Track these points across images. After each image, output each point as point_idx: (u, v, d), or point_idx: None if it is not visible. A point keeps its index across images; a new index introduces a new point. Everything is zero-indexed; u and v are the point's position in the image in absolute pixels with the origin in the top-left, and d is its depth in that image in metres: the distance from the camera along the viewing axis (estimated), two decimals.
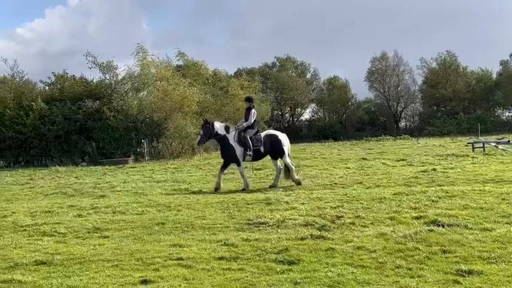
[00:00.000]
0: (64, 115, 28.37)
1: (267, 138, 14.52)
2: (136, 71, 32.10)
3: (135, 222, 9.02)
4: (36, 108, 28.39)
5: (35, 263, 6.41)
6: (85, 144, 28.79)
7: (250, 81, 40.73)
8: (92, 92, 29.82)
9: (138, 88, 31.93)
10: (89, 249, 7.10)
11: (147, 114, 29.94)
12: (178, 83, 31.77)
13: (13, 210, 10.94)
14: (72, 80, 31.74)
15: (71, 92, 29.98)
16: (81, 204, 11.41)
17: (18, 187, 16.73)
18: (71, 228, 8.65)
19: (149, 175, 19.21)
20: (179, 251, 6.80)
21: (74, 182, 17.81)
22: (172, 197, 12.48)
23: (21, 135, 28.16)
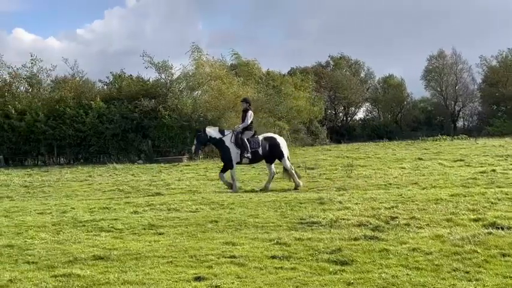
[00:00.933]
0: (121, 114, 29.07)
1: (266, 141, 14.40)
2: (191, 70, 32.55)
3: (189, 219, 9.15)
4: (95, 107, 29.19)
5: (93, 258, 6.58)
6: (141, 143, 29.40)
7: (304, 80, 40.62)
8: (148, 91, 30.40)
9: (192, 87, 32.37)
10: (145, 245, 7.25)
11: (201, 113, 30.30)
12: (232, 82, 32.00)
13: (72, 206, 11.28)
14: (129, 80, 32.46)
15: (128, 91, 30.67)
16: (137, 201, 11.65)
17: (78, 183, 17.24)
18: (128, 225, 8.84)
19: (203, 173, 19.44)
20: (232, 249, 6.86)
21: (130, 179, 18.22)
22: (225, 195, 12.58)
23: (80, 133, 29.00)
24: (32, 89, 31.45)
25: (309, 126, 41.30)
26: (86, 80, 32.71)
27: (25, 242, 7.73)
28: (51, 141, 28.74)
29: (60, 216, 10.00)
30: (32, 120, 28.55)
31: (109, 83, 33.04)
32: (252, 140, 14.16)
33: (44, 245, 7.49)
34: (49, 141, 28.73)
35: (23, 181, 18.02)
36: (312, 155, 27.16)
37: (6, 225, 9.20)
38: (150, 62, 31.21)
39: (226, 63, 36.25)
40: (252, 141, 14.12)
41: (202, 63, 32.92)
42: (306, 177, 16.27)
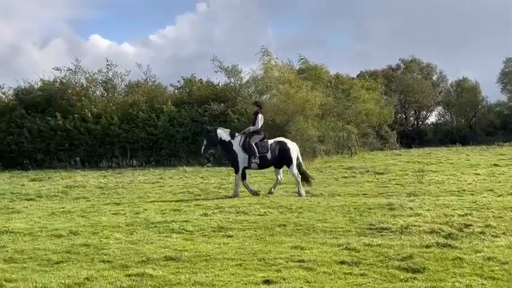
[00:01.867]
0: (192, 117, 29.60)
1: (275, 145, 14.09)
2: (259, 74, 32.73)
3: (258, 222, 9.22)
4: (166, 111, 29.87)
5: (165, 259, 6.75)
6: None
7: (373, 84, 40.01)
8: (217, 95, 30.82)
9: (261, 91, 32.53)
10: (214, 248, 7.36)
11: (269, 117, 30.39)
12: (300, 86, 31.93)
13: (145, 207, 11.61)
14: (199, 84, 33.03)
15: (198, 95, 31.20)
16: (206, 204, 11.85)
17: (150, 185, 17.70)
18: (198, 227, 9.01)
19: (271, 177, 19.47)
20: (300, 253, 6.86)
21: (199, 182, 18.53)
22: (293, 199, 12.60)
23: (152, 136, 29.75)
24: (107, 93, 32.60)
25: (378, 130, 40.61)
26: (158, 85, 33.53)
27: (100, 241, 8.02)
28: (124, 144, 29.64)
29: (133, 217, 10.31)
30: (107, 123, 29.56)
31: (180, 87, 33.75)
32: (261, 145, 13.88)
33: (118, 244, 7.75)
34: (123, 143, 29.64)
35: (98, 182, 18.67)
36: (382, 159, 26.70)
37: (82, 224, 9.58)
38: (220, 66, 31.67)
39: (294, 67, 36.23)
40: (260, 146, 13.85)
41: (271, 67, 33.01)
42: (375, 182, 16.05)
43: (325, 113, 33.52)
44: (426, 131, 55.36)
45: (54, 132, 29.48)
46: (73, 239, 8.26)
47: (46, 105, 30.65)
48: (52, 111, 29.92)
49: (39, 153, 29.45)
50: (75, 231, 8.84)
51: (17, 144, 29.51)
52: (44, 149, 29.61)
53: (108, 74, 32.30)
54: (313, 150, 30.08)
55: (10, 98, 32.01)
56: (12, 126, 29.90)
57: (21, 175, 22.84)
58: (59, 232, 8.80)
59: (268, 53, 32.89)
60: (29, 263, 6.72)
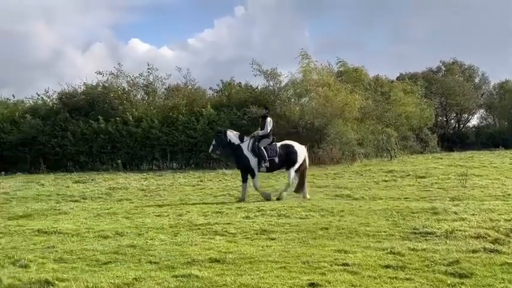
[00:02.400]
0: (231, 120, 29.76)
1: (283, 149, 14.08)
2: (298, 77, 32.72)
3: (300, 226, 9.25)
4: (205, 114, 30.13)
5: (210, 260, 6.84)
6: None
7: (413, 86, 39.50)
8: (256, 99, 30.92)
9: (300, 94, 32.54)
10: (258, 250, 7.42)
11: (308, 120, 30.38)
12: (339, 89, 31.80)
13: (187, 209, 11.77)
14: (238, 87, 33.23)
15: (237, 99, 31.38)
16: (248, 206, 11.94)
17: (190, 188, 17.90)
18: (240, 229, 9.09)
19: (310, 180, 19.42)
20: (344, 256, 6.85)
21: (239, 184, 18.49)
22: (334, 202, 12.57)
23: (192, 139, 30.02)
24: (148, 96, 33.07)
25: (418, 133, 40.07)
26: (198, 88, 33.86)
27: (146, 242, 8.17)
28: (165, 147, 29.98)
29: (176, 219, 10.47)
30: (148, 126, 29.97)
31: (219, 91, 34.01)
32: (270, 148, 13.92)
33: (163, 246, 7.89)
34: (163, 146, 29.98)
35: (140, 184, 18.97)
36: (422, 163, 26.32)
37: (127, 226, 9.78)
38: (259, 69, 31.79)
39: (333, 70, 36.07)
40: (269, 150, 13.89)
41: (310, 70, 32.98)
42: (416, 186, 15.87)
43: (365, 116, 33.30)
44: (468, 134, 54.28)
45: (97, 135, 30.06)
46: (119, 240, 8.45)
47: (89, 109, 31.28)
48: (95, 115, 30.52)
49: (82, 156, 30.05)
50: (121, 233, 9.04)
51: (61, 146, 30.19)
52: (87, 152, 30.21)
53: (149, 78, 32.78)
54: (352, 154, 29.94)
55: (54, 102, 32.77)
56: (57, 129, 30.60)
57: (65, 177, 23.37)
58: (106, 233, 9.01)
59: (307, 56, 32.88)
60: (78, 263, 6.91)
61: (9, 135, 30.52)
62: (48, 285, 5.71)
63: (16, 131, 30.61)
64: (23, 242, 8.57)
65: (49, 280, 5.82)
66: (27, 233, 9.39)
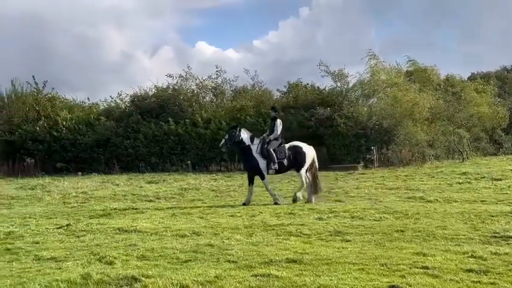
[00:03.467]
0: (298, 122, 29.83)
1: (291, 150, 13.82)
2: (366, 77, 32.34)
3: (374, 228, 9.19)
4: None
5: (287, 261, 6.92)
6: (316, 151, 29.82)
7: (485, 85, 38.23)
8: (323, 100, 30.81)
9: (368, 95, 32.16)
10: (334, 251, 7.44)
11: (376, 121, 30.01)
12: (408, 89, 31.25)
13: (260, 210, 11.91)
14: (305, 89, 33.22)
15: (304, 100, 31.36)
16: (320, 208, 11.95)
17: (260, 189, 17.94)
18: (314, 230, 9.14)
19: (380, 182, 19.26)
20: (423, 259, 6.77)
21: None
22: (408, 204, 12.40)
23: None
24: (217, 98, 33.57)
25: (492, 134, 38.73)
26: (265, 90, 34.07)
27: (223, 242, 8.35)
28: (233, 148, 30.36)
29: (250, 219, 10.63)
30: (216, 128, 30.40)
31: (286, 92, 34.08)
32: (279, 150, 13.72)
33: (240, 246, 8.03)
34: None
35: (211, 185, 19.33)
36: (497, 165, 25.48)
37: (203, 226, 10.01)
38: (326, 70, 31.67)
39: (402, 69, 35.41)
40: (278, 152, 13.69)
41: (378, 70, 32.55)
42: (493, 189, 15.40)
43: (435, 117, 32.57)
44: None
45: (167, 137, 30.80)
46: (196, 239, 8.66)
47: (160, 111, 32.08)
48: (165, 117, 31.28)
49: (153, 157, 30.86)
50: (197, 232, 9.26)
51: (133, 148, 31.11)
52: (158, 153, 31.00)
53: (217, 80, 33.29)
54: (422, 155, 29.36)
55: (127, 104, 33.82)
56: (129, 131, 31.56)
57: (138, 177, 24.10)
58: (183, 232, 9.26)
59: (375, 57, 32.49)
60: (160, 261, 7.14)
61: (85, 137, 31.74)
62: (135, 281, 5.94)
63: (91, 133, 31.81)
64: (105, 240, 8.94)
65: (135, 276, 6.06)
66: (108, 231, 9.77)
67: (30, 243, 8.82)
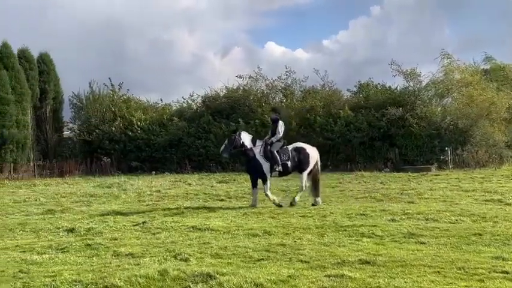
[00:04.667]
0: (368, 122, 29.45)
1: (295, 152, 13.40)
2: (439, 77, 31.46)
3: (450, 230, 8.95)
4: (343, 116, 30.04)
5: (360, 262, 6.86)
6: (388, 151, 29.37)
7: None
8: (395, 100, 30.24)
9: (441, 94, 31.27)
10: (408, 254, 7.31)
11: (451, 121, 29.18)
12: (484, 88, 30.18)
13: (331, 210, 11.86)
14: (375, 88, 32.74)
15: (375, 100, 30.89)
16: (392, 209, 11.75)
17: (330, 189, 17.94)
18: (387, 232, 9.00)
19: (455, 183, 18.69)
20: (503, 263, 6.56)
21: (380, 187, 18.38)
22: (485, 207, 11.99)
23: (329, 141, 30.04)
24: (286, 99, 33.63)
25: None
26: (335, 90, 33.79)
27: (294, 242, 8.38)
28: None
29: (321, 220, 10.60)
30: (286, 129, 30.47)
31: (356, 92, 33.70)
32: (282, 152, 13.38)
33: (311, 246, 8.04)
34: None
35: (281, 185, 19.33)
36: None
37: (274, 225, 10.08)
38: (398, 70, 31.05)
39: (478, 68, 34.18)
40: (282, 153, 13.34)
41: (452, 69, 31.60)
42: None
43: None
44: None
45: None
46: (268, 239, 8.74)
47: (230, 111, 32.49)
48: (235, 117, 31.64)
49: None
50: (269, 231, 9.34)
51: (204, 147, 31.65)
52: None
53: (287, 81, 33.34)
54: (500, 156, 28.30)
55: (198, 105, 34.46)
56: (200, 131, 32.14)
57: (209, 177, 24.53)
58: (255, 231, 9.36)
59: (449, 55, 31.60)
60: (233, 259, 7.25)
61: (158, 137, 32.61)
62: (210, 278, 6.07)
63: (164, 133, 32.64)
64: (179, 238, 9.16)
65: (210, 273, 6.19)
66: (182, 229, 10.01)
67: (108, 239, 9.17)
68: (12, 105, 32.67)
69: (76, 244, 8.72)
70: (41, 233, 10.09)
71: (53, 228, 10.57)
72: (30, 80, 34.41)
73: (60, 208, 14.05)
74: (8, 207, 14.89)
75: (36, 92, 34.90)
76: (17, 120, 32.95)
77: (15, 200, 16.64)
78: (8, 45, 33.93)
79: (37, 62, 35.82)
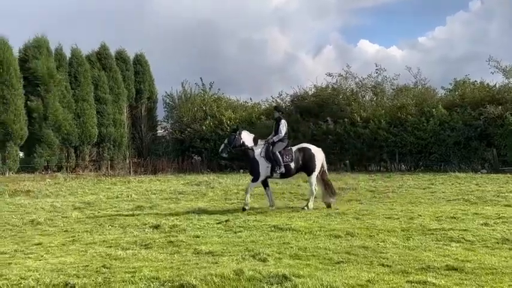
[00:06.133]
0: (464, 121, 28.13)
1: (299, 153, 12.61)
2: None
3: None
4: (436, 114, 28.90)
5: (446, 268, 6.49)
6: (485, 151, 27.95)
7: None
8: (493, 98, 28.65)
9: None
10: (500, 260, 6.85)
11: None
12: None
13: (419, 213, 11.37)
14: (472, 86, 31.28)
15: (472, 98, 29.41)
16: (486, 213, 11.11)
17: (420, 191, 17.27)
18: (478, 237, 8.50)
19: None
20: None
21: (475, 189, 17.45)
22: None
23: (421, 140, 29.05)
24: (376, 97, 32.85)
25: None
26: (428, 88, 32.61)
27: (377, 244, 8.08)
28: (393, 148, 29.51)
29: (407, 222, 10.18)
30: (375, 127, 29.76)
31: (451, 90, 32.32)
32: (285, 153, 12.64)
33: (395, 249, 7.72)
34: (391, 148, 29.53)
35: (369, 185, 18.91)
36: None
37: (358, 227, 9.79)
38: (497, 66, 29.46)
39: None
40: (284, 154, 12.60)
41: None
42: None
43: None
44: None
45: (326, 136, 30.77)
46: (350, 240, 8.49)
47: (319, 110, 32.18)
48: (324, 116, 31.33)
49: None
50: (352, 233, 9.08)
51: None
52: None
53: (377, 79, 32.58)
54: None
55: (287, 104, 34.44)
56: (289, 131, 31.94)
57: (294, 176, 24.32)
58: (337, 233, 9.14)
59: None
60: (312, 261, 7.09)
61: None
62: (285, 280, 5.95)
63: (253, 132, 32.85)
64: (260, 237, 9.11)
65: (286, 275, 6.07)
66: (264, 228, 9.96)
67: (191, 236, 9.29)
68: (109, 104, 34.31)
69: (159, 241, 8.90)
70: (128, 229, 10.40)
71: (139, 224, 10.88)
72: (127, 80, 35.98)
73: (149, 205, 14.47)
74: (102, 203, 15.53)
75: (132, 92, 36.43)
76: (114, 119, 34.55)
77: (108, 196, 17.35)
78: (106, 47, 35.68)
79: (133, 62, 37.35)
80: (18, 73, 29.63)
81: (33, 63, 30.27)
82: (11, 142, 29.11)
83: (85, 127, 32.61)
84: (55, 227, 11.15)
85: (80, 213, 13.28)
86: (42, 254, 8.16)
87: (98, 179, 25.69)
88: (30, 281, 6.34)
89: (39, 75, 30.33)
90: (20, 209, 14.41)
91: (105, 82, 34.25)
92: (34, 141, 30.44)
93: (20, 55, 30.87)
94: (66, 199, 16.91)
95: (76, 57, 33.13)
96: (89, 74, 33.40)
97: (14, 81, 29.13)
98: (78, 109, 32.46)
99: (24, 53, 30.90)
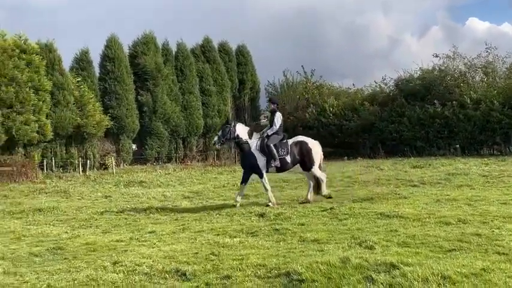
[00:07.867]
0: None
1: (295, 146, 12.35)
2: None
3: None
4: None
5: None
6: None
7: None
8: None
9: None
10: None
11: None
12: None
13: None
14: None
15: None
16: None
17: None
18: None
19: None
20: None
21: None
22: None
23: None
24: (487, 77, 31.09)
25: None
26: None
27: (492, 232, 7.68)
28: (507, 130, 27.86)
29: None
30: (487, 109, 28.17)
31: None
32: (280, 146, 11.88)
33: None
34: (505, 130, 27.89)
35: (481, 170, 17.99)
36: None
37: (470, 213, 9.37)
38: None
39: None
40: (280, 147, 11.83)
41: None
42: None
43: None
44: None
45: (433, 120, 29.62)
46: (462, 228, 8.14)
47: (425, 93, 30.97)
48: (431, 99, 30.16)
49: (418, 141, 30.06)
50: (464, 220, 8.71)
51: (398, 132, 30.74)
52: (424, 137, 30.06)
53: (488, 58, 30.82)
54: None
55: (391, 89, 33.53)
56: (393, 115, 31.23)
57: (403, 162, 23.73)
58: (447, 219, 8.80)
59: None
60: (422, 249, 6.86)
61: (350, 122, 32.49)
62: (393, 268, 5.79)
63: (356, 118, 32.41)
64: (367, 224, 8.96)
65: (394, 263, 5.91)
66: (370, 215, 9.78)
67: (296, 224, 9.32)
68: (214, 96, 35.13)
69: (265, 229, 9.01)
70: (235, 217, 10.63)
71: (245, 212, 11.08)
72: (230, 72, 36.65)
73: (254, 193, 14.67)
74: (210, 192, 16.00)
75: (235, 83, 37.07)
76: (219, 110, 35.35)
77: (215, 185, 17.83)
78: (210, 40, 36.52)
79: (235, 54, 37.97)
80: (128, 69, 31.11)
81: (142, 59, 31.60)
82: (124, 135, 30.64)
83: (192, 119, 33.62)
84: (166, 215, 11.62)
85: (189, 202, 13.74)
86: (155, 242, 8.53)
87: (205, 169, 26.48)
88: (145, 268, 6.63)
89: (148, 70, 31.62)
90: (134, 199, 15.17)
91: (209, 74, 35.10)
92: (145, 133, 31.85)
93: (130, 52, 32.34)
94: (175, 189, 17.58)
95: (181, 51, 34.19)
96: (194, 67, 34.36)
97: (125, 77, 30.59)
98: (185, 101, 33.51)
99: (133, 49, 32.33)
